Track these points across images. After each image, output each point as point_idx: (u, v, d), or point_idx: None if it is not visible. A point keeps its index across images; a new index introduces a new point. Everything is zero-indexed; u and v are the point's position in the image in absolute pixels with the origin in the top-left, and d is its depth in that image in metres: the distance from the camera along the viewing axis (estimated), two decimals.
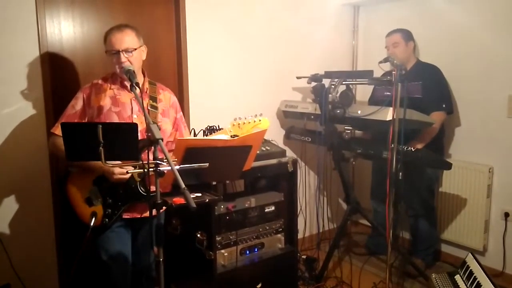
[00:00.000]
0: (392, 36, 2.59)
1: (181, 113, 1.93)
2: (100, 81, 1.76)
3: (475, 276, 1.93)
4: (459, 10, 2.62)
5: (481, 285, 1.85)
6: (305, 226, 2.98)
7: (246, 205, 2.23)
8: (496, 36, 2.46)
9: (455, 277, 2.07)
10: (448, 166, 2.29)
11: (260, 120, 1.65)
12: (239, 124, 1.64)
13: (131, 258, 1.79)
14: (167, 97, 1.86)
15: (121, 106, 1.71)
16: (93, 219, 1.64)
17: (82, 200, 1.68)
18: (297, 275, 2.48)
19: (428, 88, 2.48)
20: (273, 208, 2.33)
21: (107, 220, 1.67)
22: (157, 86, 1.84)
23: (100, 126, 1.29)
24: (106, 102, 1.70)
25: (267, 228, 2.31)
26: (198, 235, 2.05)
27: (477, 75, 2.57)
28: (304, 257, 2.67)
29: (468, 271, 2.00)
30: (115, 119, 1.68)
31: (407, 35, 2.59)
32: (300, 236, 2.79)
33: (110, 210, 1.67)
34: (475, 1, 2.54)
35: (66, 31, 2.12)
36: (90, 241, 1.67)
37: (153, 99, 1.77)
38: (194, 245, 2.05)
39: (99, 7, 2.20)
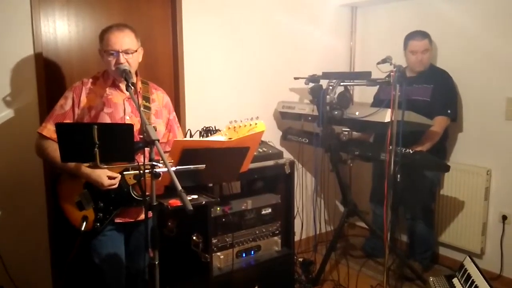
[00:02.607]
0: (423, 41, 2.47)
1: (174, 113, 1.90)
2: (91, 80, 1.71)
3: (473, 279, 1.92)
4: (457, 12, 2.62)
5: None
6: (302, 229, 2.96)
7: (243, 207, 2.20)
8: (494, 39, 2.46)
9: (453, 280, 2.06)
10: (446, 168, 2.28)
11: (256, 124, 1.62)
12: (234, 127, 1.61)
13: (124, 261, 1.76)
14: (160, 97, 1.83)
15: (113, 107, 1.67)
16: (84, 223, 1.61)
17: (73, 204, 1.65)
18: (293, 278, 2.46)
19: (437, 92, 2.47)
20: (269, 210, 2.31)
21: (98, 224, 1.63)
22: (149, 86, 1.80)
23: (96, 126, 1.26)
24: (97, 102, 1.66)
25: (264, 230, 2.29)
26: (194, 238, 2.03)
27: (476, 78, 2.56)
28: (300, 259, 2.65)
29: (466, 274, 1.99)
30: (107, 121, 1.64)
31: (430, 39, 2.52)
32: (297, 238, 2.77)
33: (101, 214, 1.64)
34: (473, 3, 2.54)
35: (61, 30, 2.09)
36: (82, 245, 1.64)
37: (146, 99, 1.74)
38: (189, 247, 2.03)
39: (95, 6, 2.17)
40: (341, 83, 2.44)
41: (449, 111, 2.47)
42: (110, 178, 1.57)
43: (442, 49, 2.70)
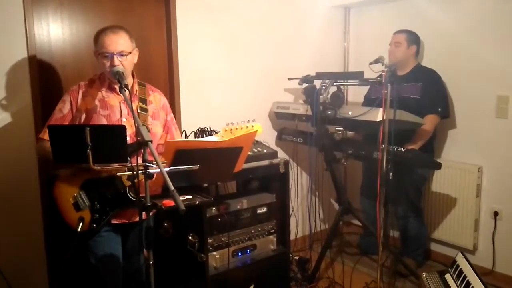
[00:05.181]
0: (398, 35, 2.59)
1: (172, 114, 1.91)
2: (87, 83, 1.73)
3: (464, 275, 1.95)
4: (448, 12, 2.65)
5: (471, 284, 1.87)
6: (297, 227, 2.99)
7: (238, 206, 2.22)
8: (484, 38, 2.49)
9: (445, 276, 2.09)
10: (438, 166, 2.31)
11: (253, 126, 1.64)
12: (231, 129, 1.63)
13: (121, 262, 1.77)
14: (157, 99, 1.84)
15: (109, 109, 1.69)
16: (81, 224, 1.62)
17: (70, 205, 1.66)
18: (289, 276, 2.48)
19: (425, 91, 2.51)
20: (265, 209, 2.33)
21: (94, 225, 1.64)
22: (146, 88, 1.81)
23: (88, 128, 1.28)
24: (94, 105, 1.67)
25: (259, 229, 2.32)
26: (190, 238, 2.04)
27: (466, 76, 2.59)
28: (296, 258, 2.67)
29: (458, 270, 2.02)
30: (104, 123, 1.65)
31: (412, 39, 2.58)
32: (292, 237, 2.79)
33: (98, 215, 1.64)
34: (464, 4, 2.57)
35: (55, 32, 2.10)
36: (79, 246, 1.65)
37: (143, 101, 1.75)
38: (185, 247, 2.04)
39: (88, 8, 2.18)
40: (334, 83, 2.47)
41: (439, 109, 2.50)
42: None
43: (433, 49, 2.73)
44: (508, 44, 2.40)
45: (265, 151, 2.36)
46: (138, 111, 1.71)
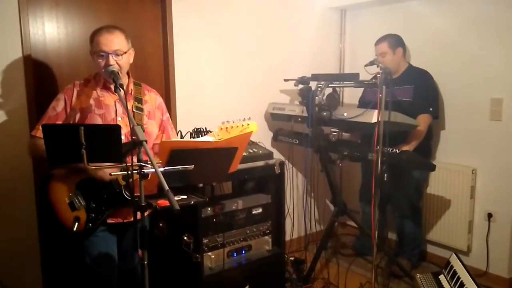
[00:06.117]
0: (380, 46, 2.59)
1: (168, 114, 1.91)
2: (82, 82, 1.72)
3: (458, 276, 1.96)
4: (443, 15, 2.67)
5: (464, 285, 1.89)
6: (292, 228, 2.99)
7: (234, 207, 2.22)
8: (478, 42, 2.52)
9: (440, 277, 2.10)
10: (432, 167, 2.33)
11: (248, 124, 1.64)
12: (226, 128, 1.63)
13: (116, 262, 1.76)
14: (152, 99, 1.84)
15: (104, 108, 1.68)
16: (76, 224, 1.61)
17: (65, 204, 1.65)
18: (284, 277, 2.48)
19: (417, 92, 2.52)
20: (260, 210, 2.33)
21: (90, 225, 1.64)
22: (142, 87, 1.81)
23: (82, 128, 1.27)
24: (89, 104, 1.67)
25: (255, 230, 2.32)
26: (185, 238, 2.04)
27: (460, 79, 2.61)
28: (291, 259, 2.67)
29: (452, 271, 2.04)
30: (99, 122, 1.65)
31: (394, 42, 2.59)
32: (287, 238, 2.79)
33: (93, 215, 1.64)
34: (458, 7, 2.59)
35: (50, 32, 2.09)
36: (74, 245, 1.64)
37: (138, 100, 1.75)
38: (180, 248, 2.04)
39: (84, 7, 2.17)
40: (330, 85, 2.48)
41: (431, 109, 2.52)
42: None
43: (429, 51, 2.74)
44: (501, 47, 2.42)
45: (260, 152, 2.36)
46: (134, 110, 1.71)
